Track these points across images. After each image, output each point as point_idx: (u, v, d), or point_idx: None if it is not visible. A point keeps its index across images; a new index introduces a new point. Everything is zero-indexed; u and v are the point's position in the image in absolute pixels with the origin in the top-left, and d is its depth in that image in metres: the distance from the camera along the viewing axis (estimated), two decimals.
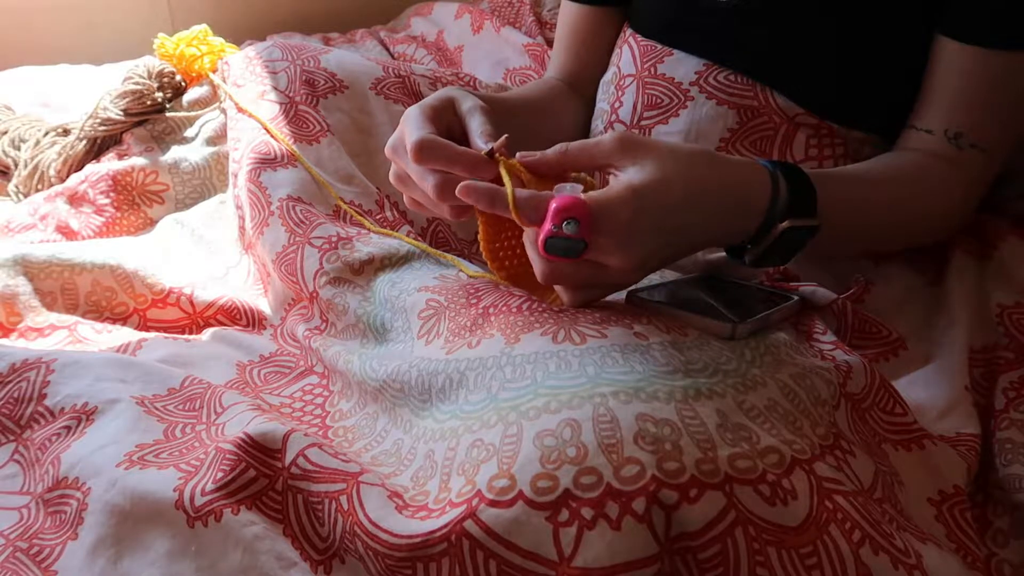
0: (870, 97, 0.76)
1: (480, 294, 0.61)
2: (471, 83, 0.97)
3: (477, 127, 0.62)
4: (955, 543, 0.54)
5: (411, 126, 0.61)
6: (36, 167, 0.95)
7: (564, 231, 0.53)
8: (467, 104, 0.64)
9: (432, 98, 0.65)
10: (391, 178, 0.66)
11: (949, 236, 0.75)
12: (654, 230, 0.55)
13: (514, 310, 0.58)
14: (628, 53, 0.86)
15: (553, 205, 0.53)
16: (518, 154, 0.59)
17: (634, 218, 0.54)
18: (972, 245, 0.74)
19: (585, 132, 0.91)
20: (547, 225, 0.53)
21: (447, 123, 0.64)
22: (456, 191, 0.56)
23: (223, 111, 0.97)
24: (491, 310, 0.59)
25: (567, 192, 0.55)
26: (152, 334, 0.74)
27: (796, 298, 0.64)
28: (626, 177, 0.55)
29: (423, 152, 0.58)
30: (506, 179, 0.56)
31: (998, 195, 0.80)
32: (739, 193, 0.60)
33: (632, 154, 0.56)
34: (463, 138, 0.63)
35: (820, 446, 0.50)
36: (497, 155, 0.58)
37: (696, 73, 0.80)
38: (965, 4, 0.69)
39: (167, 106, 0.98)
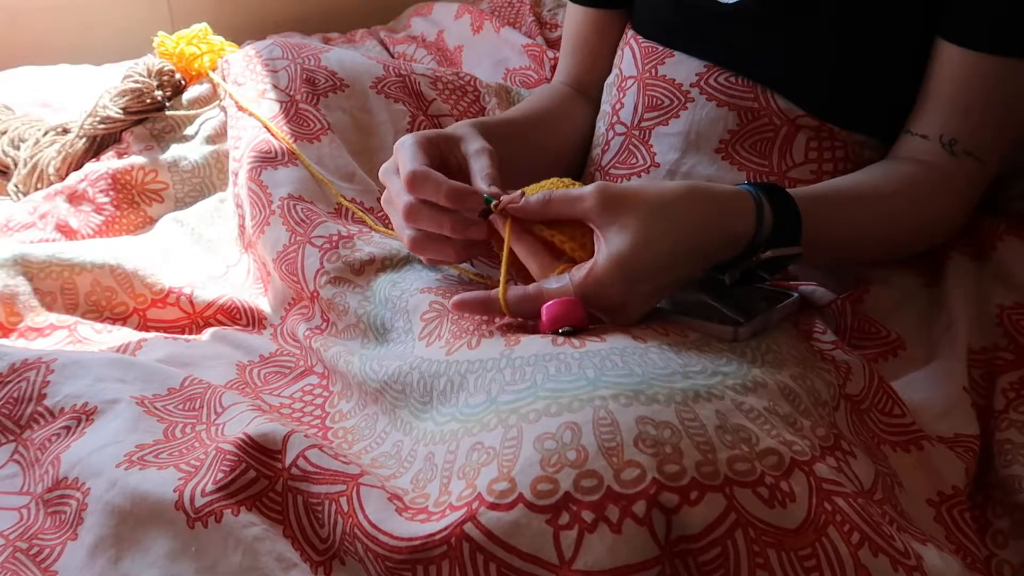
0: (871, 100, 0.75)
1: None
2: (471, 83, 0.97)
3: (481, 169, 0.65)
4: (954, 544, 0.54)
5: (405, 155, 0.64)
6: (35, 165, 0.95)
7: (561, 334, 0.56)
8: (474, 146, 0.67)
9: (432, 131, 0.68)
10: (382, 201, 0.70)
11: (944, 242, 0.75)
12: (645, 291, 0.58)
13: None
14: (629, 54, 0.86)
15: (545, 317, 0.56)
16: (503, 197, 0.61)
17: (626, 289, 0.57)
18: (969, 246, 0.74)
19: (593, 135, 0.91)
20: (545, 329, 0.57)
21: (441, 155, 0.67)
22: (450, 304, 0.60)
23: (223, 109, 0.96)
24: (495, 319, 0.59)
25: (554, 288, 0.57)
26: (152, 334, 0.74)
27: (796, 295, 0.65)
28: (609, 249, 0.56)
29: (415, 182, 0.62)
30: (503, 276, 0.59)
31: (998, 195, 0.80)
32: (725, 227, 0.60)
33: (613, 213, 0.57)
34: (457, 173, 0.66)
35: (820, 447, 0.50)
36: (497, 211, 0.60)
37: (697, 75, 0.80)
38: (965, 9, 0.69)
39: (167, 104, 0.98)
